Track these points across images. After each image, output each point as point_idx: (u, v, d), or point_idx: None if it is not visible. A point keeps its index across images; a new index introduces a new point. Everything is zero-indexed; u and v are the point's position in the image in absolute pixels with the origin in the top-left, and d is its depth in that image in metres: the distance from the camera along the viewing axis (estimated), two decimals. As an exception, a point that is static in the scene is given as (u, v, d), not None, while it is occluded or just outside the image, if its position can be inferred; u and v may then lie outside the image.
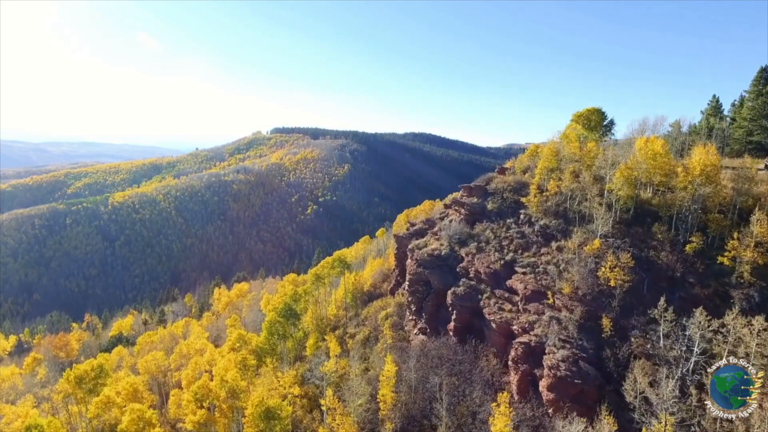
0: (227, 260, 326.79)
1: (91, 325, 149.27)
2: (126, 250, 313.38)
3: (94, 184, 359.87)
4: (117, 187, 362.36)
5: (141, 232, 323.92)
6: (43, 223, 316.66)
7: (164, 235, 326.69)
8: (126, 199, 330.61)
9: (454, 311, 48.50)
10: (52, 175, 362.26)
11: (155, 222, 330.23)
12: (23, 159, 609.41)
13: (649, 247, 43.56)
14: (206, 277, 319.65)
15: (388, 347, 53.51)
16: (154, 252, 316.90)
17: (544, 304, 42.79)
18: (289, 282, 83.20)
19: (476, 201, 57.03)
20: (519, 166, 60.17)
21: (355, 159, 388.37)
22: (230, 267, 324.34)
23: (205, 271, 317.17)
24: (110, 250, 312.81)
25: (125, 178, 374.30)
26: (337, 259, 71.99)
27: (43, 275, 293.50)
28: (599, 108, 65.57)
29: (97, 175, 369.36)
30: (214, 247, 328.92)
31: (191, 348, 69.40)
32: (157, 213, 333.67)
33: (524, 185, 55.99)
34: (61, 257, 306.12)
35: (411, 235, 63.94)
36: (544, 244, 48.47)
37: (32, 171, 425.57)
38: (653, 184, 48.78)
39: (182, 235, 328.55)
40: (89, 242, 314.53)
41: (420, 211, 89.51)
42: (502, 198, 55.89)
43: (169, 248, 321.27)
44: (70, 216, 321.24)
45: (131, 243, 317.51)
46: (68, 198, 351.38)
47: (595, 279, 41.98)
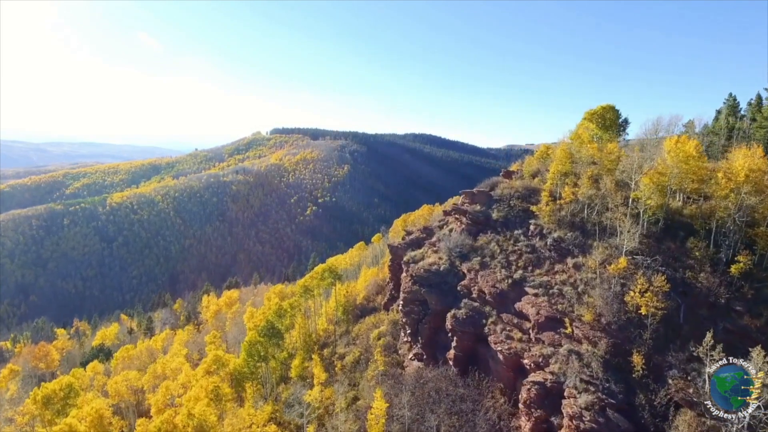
0: (226, 261, 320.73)
1: (80, 332, 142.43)
2: (124, 251, 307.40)
3: (93, 184, 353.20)
4: (116, 188, 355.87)
5: (139, 233, 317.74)
6: (41, 224, 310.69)
7: (162, 236, 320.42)
8: (124, 200, 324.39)
9: (455, 337, 41.50)
10: (51, 176, 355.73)
11: (153, 223, 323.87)
12: (23, 159, 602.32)
13: (685, 266, 36.46)
14: (204, 279, 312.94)
15: (379, 375, 46.56)
16: (152, 253, 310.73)
17: (561, 333, 35.77)
18: (276, 294, 76.21)
19: (479, 209, 49.97)
20: (527, 170, 53.03)
21: (355, 160, 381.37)
22: (229, 268, 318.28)
23: (204, 272, 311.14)
24: (108, 251, 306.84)
25: (124, 178, 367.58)
26: (328, 269, 65.00)
27: (40, 276, 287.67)
28: (614, 105, 58.68)
29: (96, 175, 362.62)
30: (212, 248, 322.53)
31: (167, 367, 62.51)
32: (155, 214, 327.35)
33: (534, 191, 48.89)
34: (58, 258, 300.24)
35: (407, 246, 56.90)
36: (559, 261, 41.40)
37: (32, 171, 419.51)
38: (684, 191, 41.71)
39: (180, 236, 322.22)
40: (87, 243, 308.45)
41: (418, 216, 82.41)
42: (508, 206, 48.78)
43: (167, 249, 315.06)
44: (68, 216, 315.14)
45: (129, 244, 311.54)
46: (66, 198, 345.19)
47: (621, 305, 34.94)
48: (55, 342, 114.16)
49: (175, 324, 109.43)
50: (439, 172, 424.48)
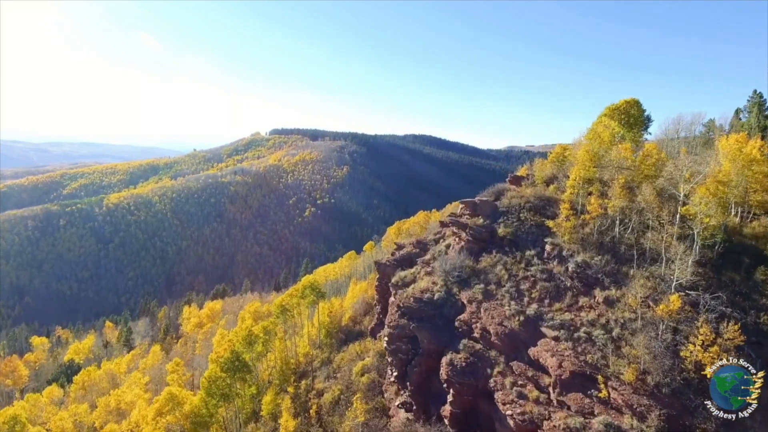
0: (223, 263, 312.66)
1: (61, 341, 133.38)
2: (120, 252, 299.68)
3: (91, 185, 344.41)
4: (113, 188, 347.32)
5: (136, 234, 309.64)
6: (37, 225, 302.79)
7: (159, 237, 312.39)
8: (121, 201, 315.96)
9: (451, 389, 32.07)
10: (48, 176, 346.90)
11: (150, 224, 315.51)
12: (24, 159, 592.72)
13: (758, 306, 26.99)
14: (201, 281, 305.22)
15: (359, 427, 37.14)
16: (148, 254, 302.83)
17: (593, 396, 26.27)
18: (250, 314, 66.58)
19: (482, 222, 40.40)
20: (539, 175, 43.35)
21: (354, 161, 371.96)
22: (226, 270, 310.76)
23: (201, 274, 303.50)
24: (104, 253, 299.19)
25: (122, 178, 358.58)
26: (309, 286, 55.56)
27: (35, 278, 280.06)
28: (638, 100, 49.29)
29: (94, 175, 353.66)
30: (210, 249, 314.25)
31: (122, 400, 53.13)
32: (152, 215, 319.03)
33: (550, 202, 39.25)
34: (54, 259, 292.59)
35: (396, 263, 47.37)
36: (584, 293, 31.91)
37: (31, 171, 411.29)
38: (745, 204, 32.23)
39: (178, 237, 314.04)
40: (83, 244, 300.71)
41: (413, 224, 72.86)
42: (518, 219, 39.15)
43: (164, 251, 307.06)
44: (64, 217, 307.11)
45: (126, 245, 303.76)
46: (64, 199, 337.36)
47: (675, 359, 25.47)
48: (27, 355, 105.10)
49: (156, 336, 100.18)
50: (439, 172, 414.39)
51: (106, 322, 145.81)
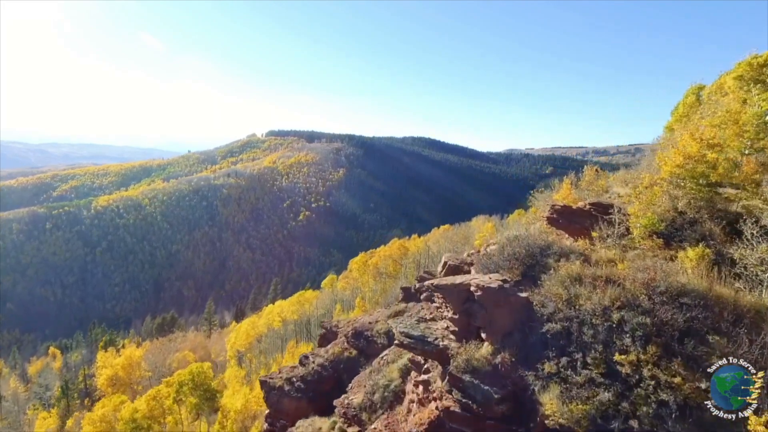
0: (213, 268, 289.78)
1: (18, 362, 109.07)
2: (107, 257, 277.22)
3: (81, 186, 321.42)
4: (105, 190, 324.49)
5: (124, 238, 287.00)
6: (22, 228, 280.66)
7: (148, 241, 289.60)
8: (110, 203, 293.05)
9: None
10: (38, 178, 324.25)
11: (139, 227, 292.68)
12: (23, 160, 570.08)
13: None
14: (190, 287, 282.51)
15: None
16: (136, 259, 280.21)
17: None
18: (151, 396, 40.79)
19: (485, 352, 15.45)
20: (643, 207, 17.90)
21: (351, 163, 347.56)
22: (216, 275, 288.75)
23: (190, 279, 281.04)
24: (91, 257, 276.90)
25: (114, 180, 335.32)
26: (189, 380, 30.64)
27: (18, 283, 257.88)
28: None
29: (85, 177, 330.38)
30: (200, 254, 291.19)
31: None
32: (141, 218, 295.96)
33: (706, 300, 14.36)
34: (38, 264, 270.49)
35: (331, 365, 22.47)
36: None
37: (29, 172, 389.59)
38: None
39: (167, 242, 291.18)
40: (69, 248, 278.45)
41: (383, 257, 47.92)
42: (602, 360, 14.27)
43: (152, 255, 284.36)
44: (51, 220, 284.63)
45: (113, 249, 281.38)
46: (53, 201, 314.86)
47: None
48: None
49: (50, 395, 72.77)
50: (439, 174, 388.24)
51: (51, 348, 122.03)
